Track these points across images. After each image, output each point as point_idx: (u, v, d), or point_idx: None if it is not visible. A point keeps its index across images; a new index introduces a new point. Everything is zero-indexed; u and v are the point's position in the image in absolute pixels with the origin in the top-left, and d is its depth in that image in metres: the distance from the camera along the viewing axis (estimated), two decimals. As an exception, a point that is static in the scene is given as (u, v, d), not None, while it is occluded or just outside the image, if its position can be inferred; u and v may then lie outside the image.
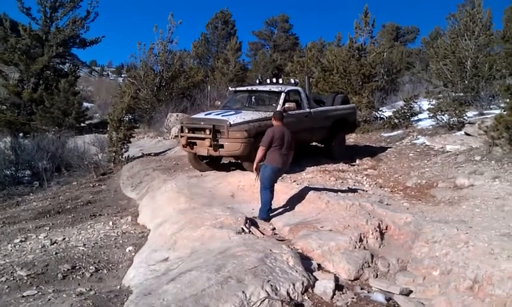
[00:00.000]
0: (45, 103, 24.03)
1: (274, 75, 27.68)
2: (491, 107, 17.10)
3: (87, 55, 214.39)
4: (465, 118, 14.77)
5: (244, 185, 9.07)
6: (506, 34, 15.06)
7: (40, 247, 7.11)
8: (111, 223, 8.43)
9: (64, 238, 7.54)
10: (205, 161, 10.70)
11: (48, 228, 8.28)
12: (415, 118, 17.85)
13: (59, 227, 8.41)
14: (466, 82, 18.67)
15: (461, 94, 18.54)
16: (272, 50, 48.34)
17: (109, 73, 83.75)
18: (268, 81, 12.09)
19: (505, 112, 10.48)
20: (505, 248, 5.05)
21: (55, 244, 7.24)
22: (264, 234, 6.64)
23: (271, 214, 7.45)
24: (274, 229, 7.07)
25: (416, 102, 18.14)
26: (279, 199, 7.98)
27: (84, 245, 7.17)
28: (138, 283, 5.34)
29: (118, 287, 5.51)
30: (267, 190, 7.34)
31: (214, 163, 10.80)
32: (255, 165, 7.40)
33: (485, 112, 16.45)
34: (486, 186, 8.29)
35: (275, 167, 7.31)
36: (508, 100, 10.48)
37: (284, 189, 8.38)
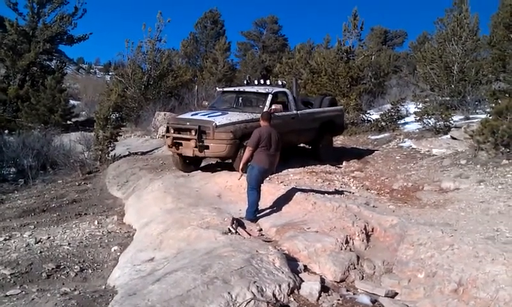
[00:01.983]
0: (31, 100, 23.76)
1: (262, 76, 27.68)
2: (477, 111, 17.29)
3: (74, 52, 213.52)
4: (451, 121, 14.92)
5: (231, 185, 9.05)
6: (493, 40, 15.28)
7: (24, 245, 7.02)
8: (96, 222, 8.36)
9: (49, 237, 7.45)
10: (187, 161, 10.64)
11: (33, 227, 8.19)
12: (402, 121, 17.98)
13: (44, 225, 8.33)
14: (452, 86, 18.84)
15: (448, 98, 18.70)
16: (261, 51, 48.45)
17: (97, 71, 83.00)
18: (256, 82, 12.08)
19: (490, 117, 10.60)
20: (489, 251, 5.10)
21: (39, 243, 7.16)
22: (250, 235, 6.64)
23: (257, 215, 7.45)
24: (260, 230, 7.07)
25: (403, 105, 18.28)
26: (266, 200, 7.98)
27: (69, 244, 7.11)
28: (123, 283, 5.30)
29: (103, 287, 5.47)
30: (254, 190, 7.34)
31: (196, 164, 10.77)
32: (241, 166, 7.41)
33: (471, 116, 16.61)
34: (471, 190, 8.37)
35: (262, 168, 7.32)
36: (494, 105, 10.61)
37: (271, 190, 8.39)
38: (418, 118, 15.99)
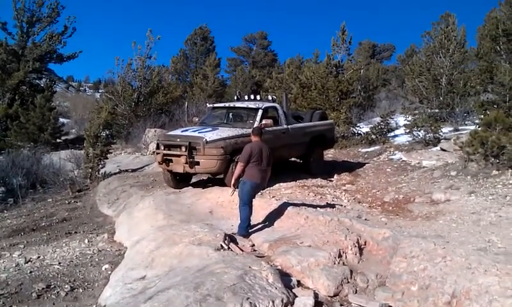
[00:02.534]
0: (21, 118, 23.63)
1: (253, 91, 27.75)
2: (466, 123, 17.44)
3: (64, 71, 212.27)
4: (441, 133, 15.03)
5: (223, 201, 9.01)
6: (480, 52, 15.49)
7: (13, 265, 6.94)
8: (86, 241, 8.28)
9: (39, 257, 7.37)
10: (178, 178, 10.61)
11: (22, 246, 8.10)
12: (392, 134, 18.10)
13: (33, 245, 8.24)
14: (441, 98, 19.03)
15: (437, 110, 18.88)
16: (251, 67, 48.72)
17: (87, 89, 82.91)
18: (246, 97, 12.11)
19: (479, 128, 10.69)
20: (482, 262, 5.10)
21: (29, 262, 7.08)
22: (243, 250, 6.60)
23: (250, 230, 7.41)
24: (253, 245, 7.02)
25: (392, 118, 18.42)
26: (258, 215, 7.95)
27: (59, 263, 7.03)
28: (114, 302, 5.24)
29: (94, 306, 5.40)
30: (246, 206, 7.32)
31: (186, 180, 10.74)
32: (233, 181, 7.38)
33: (460, 128, 16.77)
34: (462, 201, 8.40)
35: (254, 183, 7.31)
36: (482, 116, 10.69)
37: (263, 205, 8.36)
38: (407, 131, 16.10)
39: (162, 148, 10.15)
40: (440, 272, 5.26)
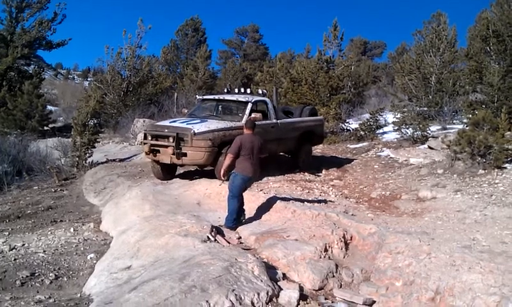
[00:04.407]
0: (8, 105, 23.39)
1: (243, 84, 27.69)
2: (454, 121, 17.56)
3: (53, 58, 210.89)
4: (429, 131, 15.12)
5: (211, 193, 9.01)
6: (470, 52, 15.59)
7: (-3, 252, 6.87)
8: (72, 229, 8.21)
9: (23, 244, 7.30)
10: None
11: (7, 233, 8.00)
12: (380, 131, 18.17)
13: (18, 232, 8.15)
14: (430, 97, 19.12)
15: (425, 108, 18.97)
16: (242, 59, 48.54)
17: (75, 77, 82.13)
18: (236, 90, 12.08)
19: (467, 127, 10.77)
20: (466, 260, 5.16)
21: (14, 250, 7.00)
22: (229, 243, 6.61)
23: (236, 223, 7.41)
24: (240, 238, 7.04)
25: (381, 115, 18.48)
26: (245, 208, 7.94)
27: (44, 251, 6.97)
28: (99, 291, 5.22)
29: (79, 295, 5.38)
30: (236, 198, 7.32)
31: (172, 172, 10.71)
32: (222, 172, 7.37)
33: (448, 126, 16.88)
34: (448, 199, 8.47)
35: (245, 177, 7.31)
36: (470, 116, 10.77)
37: (251, 198, 8.36)
38: (396, 128, 16.18)
39: (150, 138, 10.11)
40: (425, 268, 5.32)
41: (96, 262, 6.44)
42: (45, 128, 24.91)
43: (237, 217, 7.41)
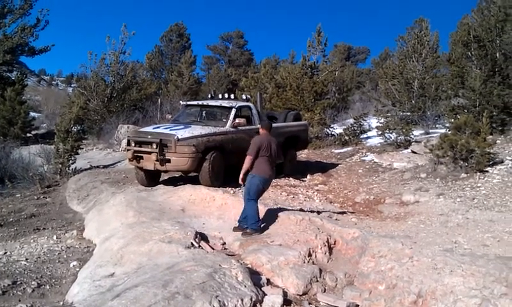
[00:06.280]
0: (-11, 112, 23.06)
1: (228, 90, 27.71)
2: (437, 126, 17.77)
3: (36, 64, 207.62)
4: (412, 136, 15.28)
5: (195, 199, 8.97)
6: (452, 57, 15.76)
7: (-22, 261, 6.76)
8: (55, 237, 8.11)
9: (5, 252, 7.19)
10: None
11: (-12, 242, 7.89)
12: (365, 136, 18.33)
13: (0, 240, 8.03)
14: (413, 102, 19.31)
15: (408, 113, 19.16)
16: (227, 65, 48.59)
17: (59, 83, 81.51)
18: (220, 96, 12.08)
19: (449, 132, 10.92)
20: (448, 263, 5.20)
21: (-5, 258, 6.90)
22: (213, 249, 6.59)
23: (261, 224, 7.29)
24: (224, 243, 7.02)
25: (365, 120, 18.66)
26: (230, 214, 7.96)
27: (27, 259, 6.87)
28: (82, 299, 5.16)
29: (61, 303, 5.32)
30: (254, 201, 7.16)
31: (155, 178, 10.63)
32: (241, 175, 7.21)
33: (431, 131, 17.07)
34: (430, 203, 8.56)
35: (263, 178, 7.18)
36: (452, 120, 10.90)
37: (235, 204, 8.34)
38: (380, 133, 16.33)
39: (133, 144, 10.04)
40: (407, 271, 5.35)
41: (79, 270, 6.37)
42: (28, 135, 24.58)
43: (259, 219, 7.20)
